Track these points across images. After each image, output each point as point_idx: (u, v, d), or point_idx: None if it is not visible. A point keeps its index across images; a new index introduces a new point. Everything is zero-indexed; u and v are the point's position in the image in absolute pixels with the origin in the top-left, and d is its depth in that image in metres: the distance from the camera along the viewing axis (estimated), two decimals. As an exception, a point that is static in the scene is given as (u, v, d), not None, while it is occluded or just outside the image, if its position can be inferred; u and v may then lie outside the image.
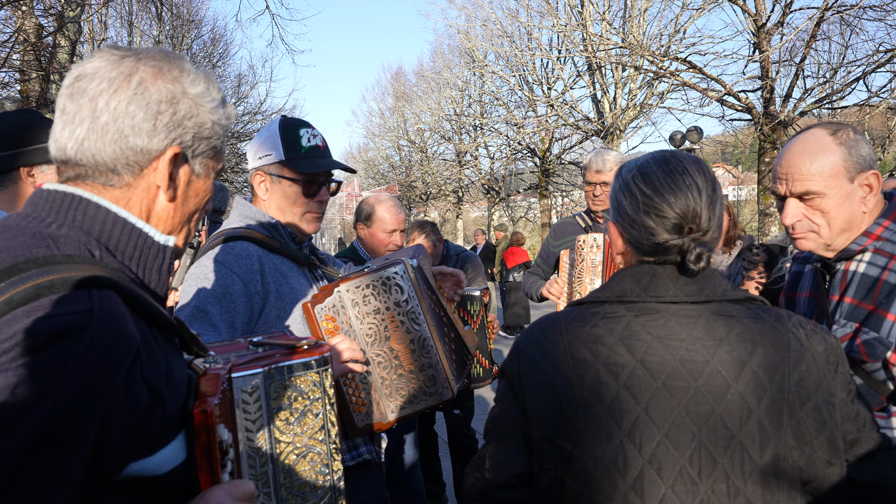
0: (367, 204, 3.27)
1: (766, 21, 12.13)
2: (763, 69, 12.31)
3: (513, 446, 1.26)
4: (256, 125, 22.02)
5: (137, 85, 0.97)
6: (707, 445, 1.12)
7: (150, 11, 19.37)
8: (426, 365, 1.95)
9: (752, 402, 1.13)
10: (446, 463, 4.54)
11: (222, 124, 1.07)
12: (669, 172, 1.21)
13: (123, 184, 0.98)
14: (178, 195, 1.03)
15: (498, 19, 19.86)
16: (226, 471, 0.96)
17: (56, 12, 10.28)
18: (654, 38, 15.73)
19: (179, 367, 0.98)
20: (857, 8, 11.40)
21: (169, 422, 0.91)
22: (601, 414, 1.16)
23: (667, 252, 1.21)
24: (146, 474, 0.88)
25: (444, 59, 26.74)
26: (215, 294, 1.78)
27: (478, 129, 25.71)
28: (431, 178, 28.50)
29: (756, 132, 12.77)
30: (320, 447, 1.13)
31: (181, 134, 1.00)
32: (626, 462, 1.13)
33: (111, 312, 0.82)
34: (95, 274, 0.86)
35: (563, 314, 1.27)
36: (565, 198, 26.99)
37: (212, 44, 22.09)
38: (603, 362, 1.17)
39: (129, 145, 0.96)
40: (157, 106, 0.98)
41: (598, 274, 2.96)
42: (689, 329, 1.17)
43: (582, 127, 18.64)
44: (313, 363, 1.13)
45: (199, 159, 1.05)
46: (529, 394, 1.23)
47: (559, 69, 19.29)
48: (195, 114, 1.02)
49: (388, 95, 31.68)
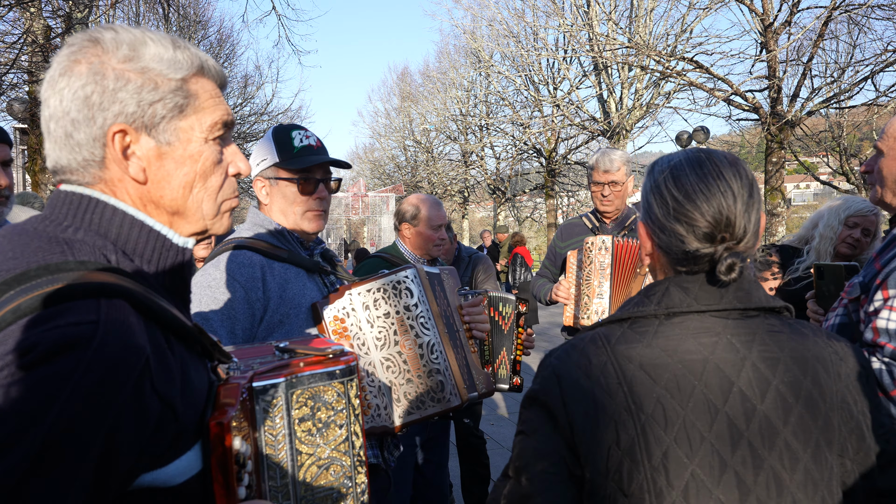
0: (411, 205, 3.27)
1: (773, 20, 12.07)
2: (770, 69, 12.25)
3: (560, 483, 1.12)
4: (263, 125, 22.04)
5: (62, 77, 0.93)
6: (741, 473, 1.07)
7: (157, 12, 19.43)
8: (435, 370, 1.95)
9: (778, 423, 1.09)
10: (454, 464, 4.53)
11: (175, 75, 0.97)
12: (703, 177, 1.14)
13: (96, 179, 0.96)
14: (153, 173, 0.97)
15: (504, 19, 19.83)
16: (242, 484, 0.94)
17: (64, 14, 10.33)
18: (661, 37, 15.68)
19: (199, 374, 0.95)
20: (866, 7, 11.33)
21: (184, 432, 0.89)
22: (667, 443, 1.07)
23: (697, 261, 1.15)
24: (159, 485, 0.87)
25: (449, 59, 26.73)
26: (217, 301, 1.82)
27: (483, 129, 25.67)
28: (437, 178, 28.47)
29: (763, 132, 12.71)
30: (344, 459, 1.09)
31: (121, 108, 0.93)
32: (700, 493, 1.06)
33: (118, 323, 0.80)
34: (106, 281, 0.83)
35: (603, 334, 1.17)
36: (571, 198, 26.94)
37: (218, 44, 22.12)
38: (664, 386, 1.09)
39: (76, 142, 0.93)
40: (84, 91, 0.92)
41: (606, 276, 2.94)
42: (748, 347, 1.12)
43: (588, 127, 18.58)
44: (338, 373, 1.09)
45: (162, 125, 0.96)
46: (579, 424, 1.11)
47: (565, 69, 19.25)
48: (129, 79, 0.93)
49: (394, 96, 31.70)
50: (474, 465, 4.16)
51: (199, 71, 1.00)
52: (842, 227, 3.19)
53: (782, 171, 12.91)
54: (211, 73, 1.03)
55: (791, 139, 13.75)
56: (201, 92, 1.00)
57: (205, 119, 1.00)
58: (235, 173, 1.06)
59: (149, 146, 0.96)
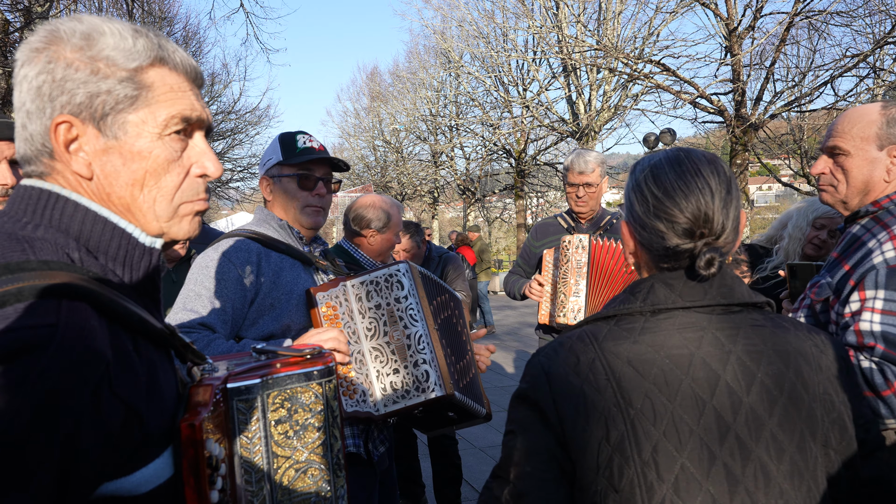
0: (380, 210, 3.11)
1: (737, 25, 12.33)
2: (734, 72, 12.51)
3: (552, 479, 1.14)
4: (230, 124, 21.76)
5: (23, 68, 0.91)
6: (729, 465, 1.08)
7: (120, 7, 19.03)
8: (421, 361, 2.00)
9: (764, 415, 1.11)
10: (426, 464, 4.52)
11: (128, 65, 0.92)
12: (682, 174, 1.17)
13: (50, 169, 0.92)
14: (99, 168, 0.92)
15: (474, 20, 19.90)
16: (215, 488, 0.91)
17: (23, 7, 10.04)
18: (629, 40, 15.90)
19: (168, 377, 0.92)
20: (825, 13, 11.66)
21: (150, 438, 0.85)
22: (656, 438, 1.09)
23: (678, 257, 1.18)
24: (124, 494, 0.83)
25: (419, 59, 26.70)
26: (210, 278, 1.93)
27: (453, 129, 25.69)
28: (407, 178, 28.42)
29: (728, 134, 12.98)
30: (321, 462, 1.07)
31: (69, 99, 0.89)
32: (689, 487, 1.07)
33: (78, 327, 0.76)
34: (68, 283, 0.79)
35: (590, 331, 1.19)
36: (540, 198, 27.13)
37: (184, 42, 21.75)
38: (652, 382, 1.11)
39: (29, 133, 0.91)
40: (37, 80, 0.89)
41: (583, 275, 2.96)
42: (697, 343, 1.14)
43: (557, 128, 18.74)
44: (315, 374, 1.07)
45: (110, 118, 0.91)
46: (570, 420, 1.12)
47: (535, 70, 19.37)
48: (78, 68, 0.89)
49: (364, 95, 31.54)
50: (446, 465, 4.15)
51: (159, 61, 0.94)
52: (809, 229, 3.25)
53: (746, 173, 13.20)
54: (175, 63, 0.96)
55: (754, 142, 14.04)
56: (158, 83, 0.93)
57: (159, 112, 0.93)
58: (201, 174, 0.98)
59: (95, 139, 0.91)
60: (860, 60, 11.74)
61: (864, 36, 13.64)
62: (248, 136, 24.42)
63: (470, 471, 4.83)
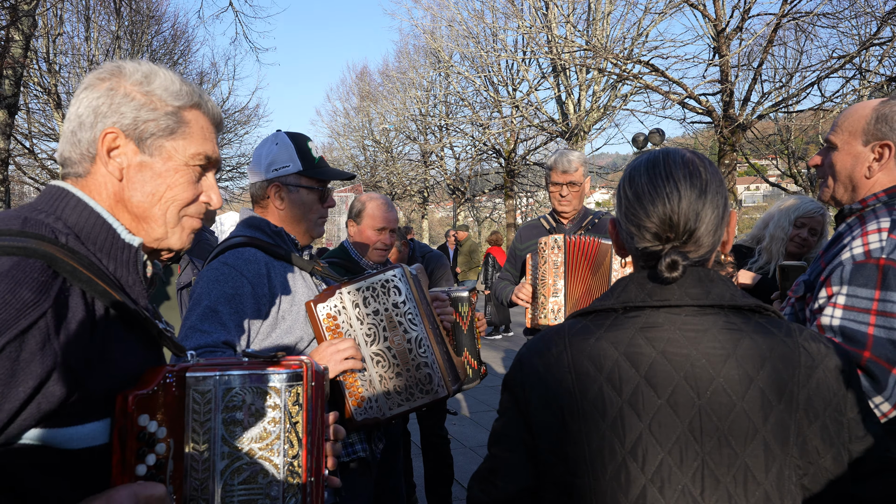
0: (359, 201, 3.23)
1: (725, 26, 12.41)
2: (723, 73, 12.59)
3: (518, 460, 1.22)
4: (218, 124, 21.61)
5: (85, 91, 1.12)
6: (710, 465, 1.09)
7: (108, 6, 18.91)
8: (423, 364, 2.06)
9: (758, 421, 1.10)
10: (417, 463, 4.53)
11: (174, 103, 1.14)
12: (652, 178, 1.18)
13: (86, 172, 1.11)
14: (130, 176, 1.11)
15: (463, 20, 19.90)
16: (144, 462, 0.98)
17: (10, 5, 9.93)
18: (618, 41, 15.97)
19: (130, 355, 1.03)
20: (812, 15, 11.75)
21: (90, 400, 0.95)
22: (604, 429, 1.13)
23: (649, 258, 1.19)
24: (55, 445, 0.92)
25: (409, 58, 26.69)
26: (226, 295, 1.88)
27: (443, 129, 25.69)
28: (397, 178, 28.40)
29: (716, 134, 13.06)
30: (271, 465, 1.09)
31: (119, 118, 1.10)
32: (629, 480, 1.10)
33: (13, 278, 0.88)
34: (29, 245, 0.93)
35: (568, 326, 1.24)
36: (530, 198, 27.19)
37: (173, 40, 21.65)
38: (606, 377, 1.14)
39: (78, 139, 1.11)
40: (97, 101, 1.10)
41: (560, 275, 2.95)
42: (695, 343, 1.14)
43: (546, 128, 18.78)
44: (274, 377, 1.09)
45: (150, 140, 1.12)
46: (533, 407, 1.20)
47: (524, 70, 19.40)
48: (133, 97, 1.11)
49: (353, 95, 31.48)
50: (438, 464, 4.16)
51: (196, 105, 1.17)
52: (791, 227, 3.28)
53: (734, 173, 13.28)
54: (207, 110, 1.20)
55: (742, 142, 14.15)
56: (193, 123, 1.16)
57: (190, 146, 1.15)
58: (206, 201, 1.20)
59: (133, 154, 1.12)
60: (846, 62, 11.85)
61: (851, 37, 13.80)
62: (238, 135, 24.39)
63: (460, 470, 4.84)
